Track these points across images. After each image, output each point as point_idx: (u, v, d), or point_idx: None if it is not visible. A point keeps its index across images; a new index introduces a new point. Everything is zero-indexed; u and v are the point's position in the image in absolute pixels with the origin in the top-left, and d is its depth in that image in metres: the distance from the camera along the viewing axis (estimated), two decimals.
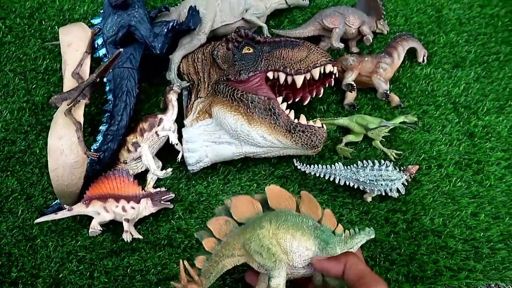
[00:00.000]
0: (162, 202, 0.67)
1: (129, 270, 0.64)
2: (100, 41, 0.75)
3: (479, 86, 0.83)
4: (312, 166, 0.71)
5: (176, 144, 0.72)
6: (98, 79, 0.65)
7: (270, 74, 0.70)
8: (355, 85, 0.79)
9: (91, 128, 0.76)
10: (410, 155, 0.75)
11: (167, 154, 0.74)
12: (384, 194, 0.68)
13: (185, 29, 0.77)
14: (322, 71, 0.70)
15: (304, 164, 0.72)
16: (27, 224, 0.68)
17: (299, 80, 0.69)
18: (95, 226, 0.65)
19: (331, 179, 0.70)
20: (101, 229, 0.66)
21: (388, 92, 0.78)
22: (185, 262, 0.46)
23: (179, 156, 0.72)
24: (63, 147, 0.61)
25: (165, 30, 0.73)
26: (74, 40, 0.70)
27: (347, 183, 0.69)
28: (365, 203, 0.70)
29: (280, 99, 0.70)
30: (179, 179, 0.73)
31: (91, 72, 0.66)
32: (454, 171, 0.73)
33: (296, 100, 0.75)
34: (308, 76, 0.70)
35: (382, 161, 0.70)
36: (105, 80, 0.74)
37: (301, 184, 0.72)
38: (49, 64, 0.82)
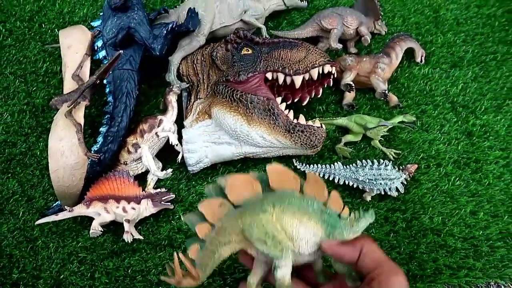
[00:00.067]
0: (162, 203, 0.68)
1: (130, 270, 0.64)
2: (100, 43, 0.75)
3: (477, 86, 0.84)
4: (312, 166, 0.72)
5: (176, 145, 0.72)
6: (98, 81, 0.65)
7: (269, 75, 0.70)
8: (353, 85, 0.79)
9: (92, 130, 0.76)
10: (409, 155, 0.75)
11: (167, 155, 0.74)
12: (383, 193, 0.69)
13: (184, 30, 0.78)
14: (320, 72, 0.70)
15: (304, 164, 0.72)
16: (28, 225, 0.68)
17: (298, 81, 0.70)
18: (95, 227, 0.65)
19: (331, 179, 0.70)
20: (102, 230, 0.66)
21: (387, 92, 0.79)
22: (180, 254, 0.41)
23: (179, 157, 0.72)
24: (64, 148, 0.61)
25: (165, 32, 0.74)
26: (74, 43, 0.71)
27: (347, 182, 0.70)
28: (365, 202, 0.70)
29: (279, 99, 0.70)
30: (179, 180, 0.73)
31: (91, 74, 0.67)
32: (453, 170, 0.73)
33: (295, 100, 0.76)
34: (307, 77, 0.70)
35: (381, 160, 0.70)
36: (105, 82, 0.74)
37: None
38: (49, 66, 0.83)
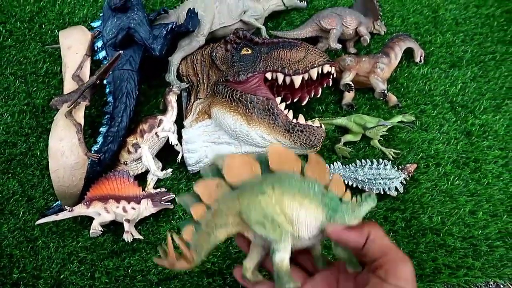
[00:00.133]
0: (162, 203, 0.68)
1: (130, 270, 0.64)
2: (100, 43, 0.76)
3: (475, 85, 0.84)
4: None
5: (176, 144, 0.72)
6: (98, 81, 0.66)
7: (268, 75, 0.71)
8: (353, 85, 0.79)
9: (92, 130, 0.77)
10: (408, 154, 0.75)
11: (167, 155, 0.74)
12: (382, 193, 0.69)
13: (184, 31, 0.78)
14: (320, 72, 0.70)
15: None
16: (28, 225, 0.68)
17: (297, 81, 0.70)
18: (96, 227, 0.65)
19: None
20: (102, 230, 0.66)
21: (386, 92, 0.79)
22: (174, 235, 0.39)
23: (179, 157, 0.73)
24: (64, 148, 0.61)
25: (164, 32, 0.74)
26: (74, 43, 0.71)
27: (346, 182, 0.70)
28: None
29: (278, 99, 0.70)
30: (179, 180, 0.73)
31: (91, 75, 0.67)
32: (452, 170, 0.74)
33: (295, 100, 0.76)
34: (306, 77, 0.70)
35: (381, 160, 0.70)
36: (105, 82, 0.74)
37: None
38: (50, 67, 0.83)
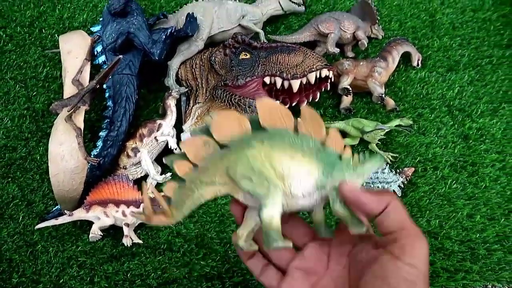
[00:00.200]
0: (161, 207, 0.68)
1: (129, 274, 0.65)
2: (99, 48, 0.76)
3: (473, 89, 0.84)
4: None
5: (175, 149, 0.72)
6: (98, 86, 0.66)
7: (267, 79, 0.71)
8: (350, 89, 0.80)
9: (91, 134, 0.77)
10: (406, 158, 0.75)
11: None
12: None
13: (183, 35, 0.78)
14: (318, 76, 0.71)
15: None
16: (27, 230, 0.68)
17: (296, 85, 0.70)
18: (95, 231, 0.66)
19: None
20: (101, 234, 0.66)
21: (384, 95, 0.79)
22: (151, 187, 0.37)
23: None
24: (64, 153, 0.61)
25: (164, 37, 0.74)
26: (74, 48, 0.72)
27: None
28: None
29: None
30: None
31: (91, 79, 0.67)
32: (449, 173, 0.74)
33: (293, 104, 0.76)
34: (304, 81, 0.71)
35: None
36: (104, 86, 0.75)
37: None
38: (49, 71, 0.83)
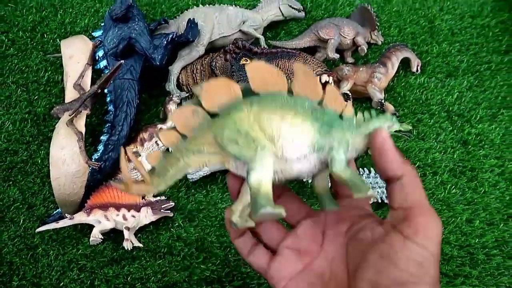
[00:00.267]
0: (162, 211, 0.68)
1: (129, 278, 0.65)
2: (101, 53, 0.77)
3: (471, 95, 0.85)
4: None
5: None
6: (99, 90, 0.66)
7: None
8: (350, 95, 0.80)
9: (92, 138, 0.77)
10: None
11: None
12: (380, 201, 0.69)
13: (184, 41, 0.79)
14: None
15: None
16: (28, 233, 0.68)
17: None
18: (96, 235, 0.66)
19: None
20: (102, 238, 0.66)
21: (383, 101, 0.80)
22: (128, 151, 0.33)
23: None
24: (65, 156, 0.62)
25: (165, 42, 0.75)
26: (75, 53, 0.72)
27: None
28: None
29: None
30: (178, 188, 0.74)
31: (92, 84, 0.68)
32: (448, 178, 0.74)
33: None
34: None
35: None
36: (106, 91, 0.75)
37: (298, 192, 0.73)
38: (51, 76, 0.84)
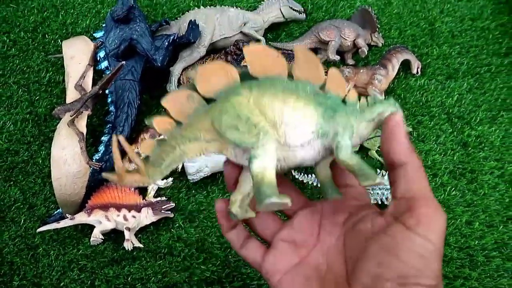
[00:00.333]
0: (162, 211, 0.68)
1: (129, 278, 0.65)
2: (102, 54, 0.77)
3: (472, 97, 0.85)
4: (310, 175, 0.73)
5: None
6: (101, 91, 0.67)
7: None
8: None
9: (93, 139, 0.77)
10: None
11: None
12: (380, 203, 0.70)
13: (185, 42, 0.79)
14: None
15: (302, 174, 0.73)
16: (29, 233, 0.69)
17: None
18: (96, 235, 0.66)
19: None
20: (103, 238, 0.67)
21: None
22: (120, 137, 0.31)
23: (179, 166, 0.73)
24: (66, 157, 0.62)
25: (166, 43, 0.75)
26: (77, 53, 0.72)
27: None
28: None
29: None
30: (179, 189, 0.74)
31: (94, 84, 0.68)
32: (448, 180, 0.75)
33: None
34: None
35: (378, 170, 0.71)
36: (107, 91, 0.75)
37: None
38: (52, 76, 0.84)
